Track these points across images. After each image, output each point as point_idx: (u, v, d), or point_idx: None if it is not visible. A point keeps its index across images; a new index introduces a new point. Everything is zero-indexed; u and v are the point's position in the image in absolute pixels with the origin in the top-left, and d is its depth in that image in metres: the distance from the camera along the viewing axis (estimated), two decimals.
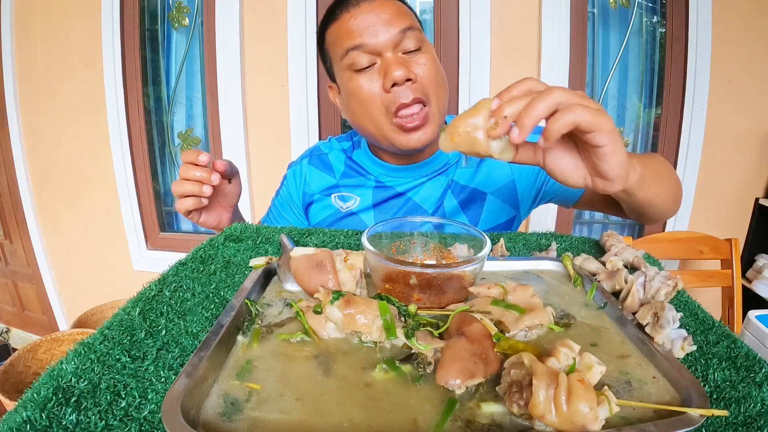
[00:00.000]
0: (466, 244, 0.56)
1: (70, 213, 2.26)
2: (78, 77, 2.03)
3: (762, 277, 1.61)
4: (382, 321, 0.40)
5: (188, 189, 0.70)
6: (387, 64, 0.71)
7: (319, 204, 0.90)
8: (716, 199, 1.73)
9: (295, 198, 0.93)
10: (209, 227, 0.81)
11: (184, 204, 0.72)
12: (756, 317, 0.79)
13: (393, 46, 0.71)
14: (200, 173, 0.70)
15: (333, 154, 0.93)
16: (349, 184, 0.89)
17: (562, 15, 1.60)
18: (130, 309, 0.44)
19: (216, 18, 1.82)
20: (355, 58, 0.72)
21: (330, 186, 0.90)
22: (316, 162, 0.93)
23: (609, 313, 0.47)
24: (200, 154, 0.69)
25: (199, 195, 0.71)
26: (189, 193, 0.71)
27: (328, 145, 0.95)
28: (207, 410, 0.32)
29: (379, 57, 0.72)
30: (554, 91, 0.43)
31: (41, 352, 1.85)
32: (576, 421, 0.29)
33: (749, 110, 1.62)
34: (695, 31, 1.57)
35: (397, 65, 0.69)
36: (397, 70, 0.69)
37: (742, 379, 0.36)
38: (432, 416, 0.32)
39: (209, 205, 0.78)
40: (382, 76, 0.71)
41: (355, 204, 0.87)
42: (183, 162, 0.71)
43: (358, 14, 0.71)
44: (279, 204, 0.96)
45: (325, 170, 0.92)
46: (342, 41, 0.72)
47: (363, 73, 0.73)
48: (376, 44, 0.71)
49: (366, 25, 0.71)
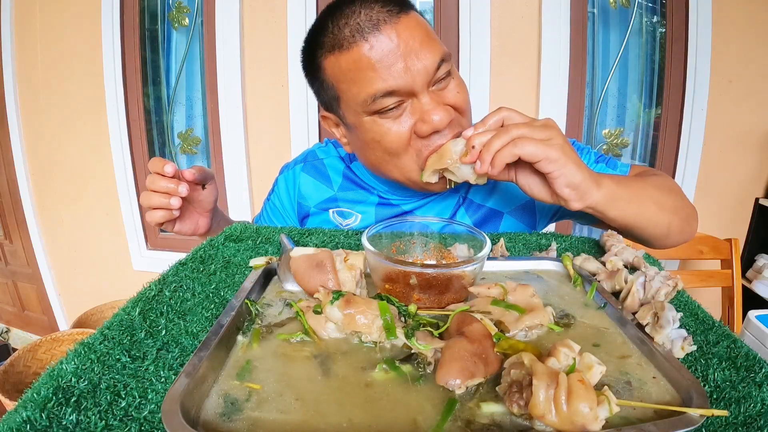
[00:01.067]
0: (466, 244, 0.56)
1: (70, 213, 2.26)
2: (78, 77, 2.03)
3: (762, 277, 1.61)
4: (382, 321, 0.40)
5: (155, 201, 0.67)
6: (425, 107, 0.60)
7: (316, 218, 0.84)
8: (716, 199, 1.73)
9: (287, 206, 0.87)
10: (186, 235, 0.77)
11: (154, 216, 0.68)
12: (756, 317, 0.79)
13: (428, 84, 0.60)
14: (166, 184, 0.66)
15: (330, 161, 0.84)
16: (348, 199, 0.81)
17: (562, 15, 1.60)
18: (130, 309, 0.44)
19: (216, 18, 1.82)
20: (383, 104, 0.60)
21: (327, 199, 0.83)
22: (310, 169, 0.85)
23: (609, 313, 0.47)
24: (166, 164, 0.66)
25: (166, 208, 0.67)
26: (157, 206, 0.67)
27: (325, 150, 0.86)
28: (207, 410, 0.32)
29: (410, 96, 0.60)
30: (511, 128, 0.54)
31: (41, 352, 1.85)
32: (576, 421, 0.29)
33: (749, 110, 1.62)
34: (695, 31, 1.57)
35: (437, 108, 0.59)
36: (436, 115, 0.59)
37: (742, 379, 0.36)
38: (432, 416, 0.32)
39: (183, 214, 0.74)
40: (415, 119, 0.61)
41: (356, 222, 0.81)
42: (150, 171, 0.67)
43: (380, 45, 0.57)
44: (270, 209, 0.90)
45: (320, 179, 0.84)
46: (362, 84, 0.59)
47: (389, 116, 0.61)
48: (412, 85, 0.58)
49: (394, 59, 0.57)
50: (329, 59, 0.62)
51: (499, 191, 0.80)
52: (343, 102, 0.64)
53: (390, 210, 0.80)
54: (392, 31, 0.57)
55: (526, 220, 0.81)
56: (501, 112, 0.58)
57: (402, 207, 0.79)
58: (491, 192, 0.79)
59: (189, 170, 0.70)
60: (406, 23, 0.58)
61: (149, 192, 0.68)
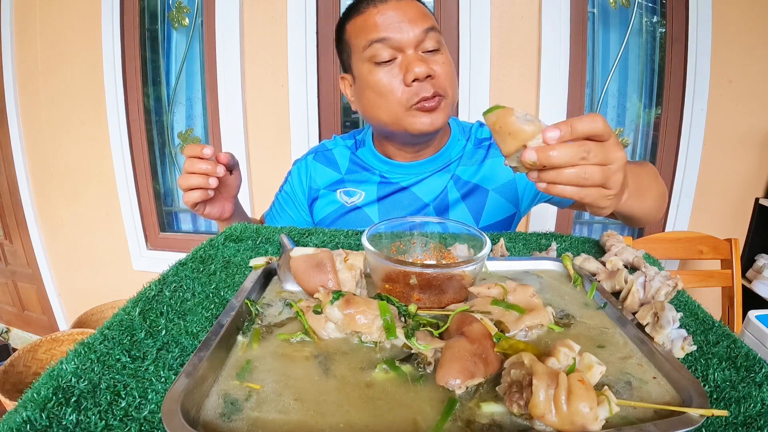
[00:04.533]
0: (466, 244, 0.56)
1: (70, 213, 2.26)
2: (78, 77, 2.03)
3: (762, 277, 1.61)
4: (382, 321, 0.40)
5: (194, 182, 0.72)
6: (409, 60, 0.74)
7: (324, 199, 0.92)
8: (716, 199, 1.73)
9: (299, 194, 0.95)
10: (213, 218, 0.83)
11: (191, 196, 0.73)
12: (756, 317, 0.79)
13: (415, 44, 0.75)
14: (206, 166, 0.71)
15: (337, 150, 0.95)
16: (354, 180, 0.91)
17: (562, 15, 1.60)
18: (130, 309, 0.44)
19: (216, 18, 1.82)
20: (377, 50, 0.75)
21: (335, 181, 0.92)
22: (321, 158, 0.95)
23: (609, 313, 0.47)
24: (204, 148, 0.71)
25: (205, 187, 0.72)
26: (195, 186, 0.72)
27: (332, 143, 0.97)
28: (207, 410, 0.32)
29: (401, 53, 0.75)
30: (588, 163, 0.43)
31: (41, 352, 1.85)
32: (576, 421, 0.29)
33: (749, 110, 1.62)
34: (695, 31, 1.57)
35: (419, 62, 0.73)
36: (418, 67, 0.72)
37: (742, 379, 0.36)
38: (432, 416, 0.32)
39: (213, 197, 0.79)
40: (403, 71, 0.74)
41: (360, 198, 0.90)
42: (186, 156, 0.72)
43: (385, 10, 0.75)
44: (282, 199, 0.97)
45: (330, 165, 0.94)
46: (366, 33, 0.75)
47: (383, 67, 0.75)
48: (400, 40, 0.74)
49: (391, 21, 0.74)
50: (350, 23, 0.80)
51: (485, 170, 0.88)
52: (354, 55, 0.80)
53: (390, 187, 0.89)
54: (397, 2, 0.75)
55: (510, 197, 0.89)
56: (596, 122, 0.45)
57: (400, 183, 0.89)
58: (477, 171, 0.89)
59: (223, 153, 0.75)
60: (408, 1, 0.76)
61: (187, 174, 0.72)
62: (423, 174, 0.88)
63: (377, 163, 0.91)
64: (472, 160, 0.89)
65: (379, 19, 0.75)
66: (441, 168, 0.88)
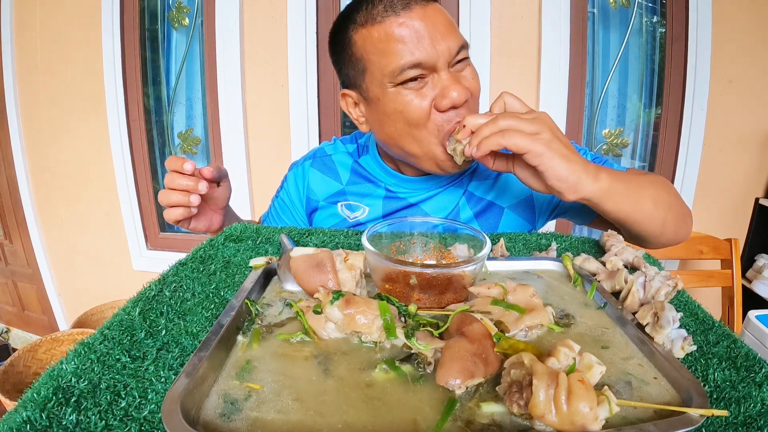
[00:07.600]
0: (466, 244, 0.56)
1: (70, 213, 2.26)
2: (78, 77, 2.03)
3: (762, 277, 1.61)
4: (382, 321, 0.40)
5: (175, 199, 0.68)
6: (444, 83, 0.64)
7: (324, 212, 0.86)
8: (716, 199, 1.73)
9: (296, 201, 0.89)
10: (200, 232, 0.79)
11: (173, 214, 0.69)
12: (756, 317, 0.79)
13: (448, 63, 0.65)
14: (186, 182, 0.67)
15: (338, 157, 0.87)
16: (356, 192, 0.84)
17: (562, 15, 1.60)
18: (130, 309, 0.44)
19: (216, 18, 1.82)
20: (408, 74, 0.64)
21: (336, 192, 0.85)
22: (320, 165, 0.87)
23: (609, 313, 0.47)
24: (185, 162, 0.67)
25: (186, 205, 0.68)
26: (176, 204, 0.68)
27: (332, 147, 0.89)
28: (207, 410, 0.32)
29: (432, 72, 0.65)
30: (502, 118, 0.56)
31: (41, 352, 1.85)
32: (576, 421, 0.29)
33: (749, 110, 1.62)
34: (695, 31, 1.57)
35: (456, 85, 0.64)
36: (455, 91, 0.63)
37: (742, 379, 0.36)
38: (432, 416, 0.32)
39: (198, 212, 0.75)
40: (436, 93, 0.65)
41: (364, 214, 0.82)
42: (168, 169, 0.68)
43: (410, 22, 0.62)
44: (279, 206, 0.92)
45: (329, 174, 0.86)
46: (391, 54, 0.63)
47: (409, 87, 0.65)
48: (436, 62, 0.63)
49: (421, 36, 0.62)
50: (360, 32, 0.66)
51: (500, 186, 0.82)
52: (369, 74, 0.67)
53: (397, 203, 0.81)
54: (422, 12, 0.64)
55: (526, 216, 0.82)
56: (503, 97, 0.62)
57: (408, 200, 0.81)
58: (492, 186, 0.82)
59: (207, 168, 0.71)
60: (433, 9, 0.65)
61: (168, 190, 0.68)
62: (433, 189, 0.80)
63: (383, 175, 0.82)
64: (486, 174, 0.81)
65: (406, 34, 0.62)
66: (452, 182, 0.80)
